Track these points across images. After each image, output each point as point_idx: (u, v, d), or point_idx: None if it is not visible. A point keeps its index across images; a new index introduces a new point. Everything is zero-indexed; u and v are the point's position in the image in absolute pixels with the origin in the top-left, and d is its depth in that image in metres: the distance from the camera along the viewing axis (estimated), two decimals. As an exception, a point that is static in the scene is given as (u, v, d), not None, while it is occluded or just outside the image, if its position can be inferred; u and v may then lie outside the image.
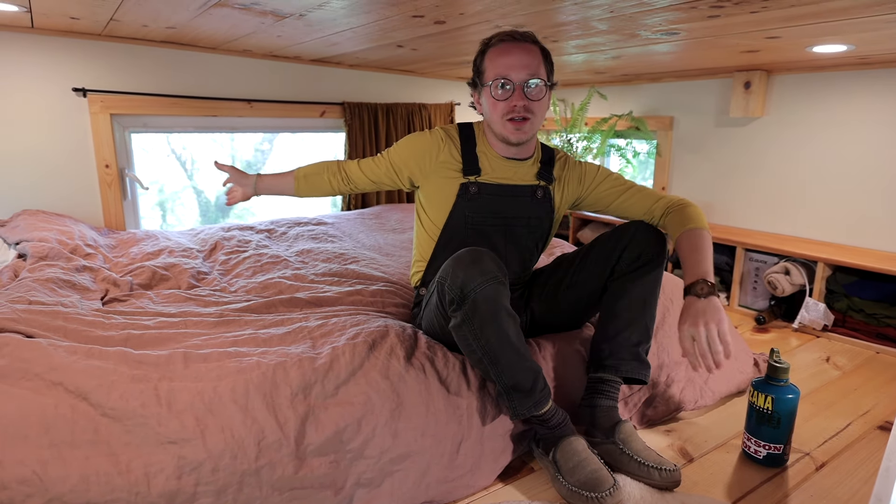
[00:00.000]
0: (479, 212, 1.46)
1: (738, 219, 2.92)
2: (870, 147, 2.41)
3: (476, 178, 1.46)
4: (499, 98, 1.36)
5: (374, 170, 1.55)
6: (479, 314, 1.20)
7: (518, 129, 1.38)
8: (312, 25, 2.07)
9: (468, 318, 1.22)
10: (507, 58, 1.34)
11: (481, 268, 1.20)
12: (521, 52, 1.35)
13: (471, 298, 1.20)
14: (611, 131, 3.24)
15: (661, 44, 2.10)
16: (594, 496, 1.20)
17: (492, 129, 1.44)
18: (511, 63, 1.34)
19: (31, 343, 1.19)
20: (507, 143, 1.44)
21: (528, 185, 1.48)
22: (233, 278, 2.00)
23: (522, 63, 1.34)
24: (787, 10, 1.52)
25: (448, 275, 1.23)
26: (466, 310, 1.21)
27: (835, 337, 2.27)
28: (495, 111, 1.38)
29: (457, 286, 1.21)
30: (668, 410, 1.61)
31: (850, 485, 1.34)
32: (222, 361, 1.23)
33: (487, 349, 1.23)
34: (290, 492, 1.10)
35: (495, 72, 1.35)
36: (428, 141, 1.49)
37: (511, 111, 1.36)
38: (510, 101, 1.35)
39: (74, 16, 2.11)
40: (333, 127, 3.29)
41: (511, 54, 1.34)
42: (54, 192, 2.55)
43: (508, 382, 1.26)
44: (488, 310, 1.20)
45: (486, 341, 1.22)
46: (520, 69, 1.34)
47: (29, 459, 0.97)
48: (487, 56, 1.39)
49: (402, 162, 1.51)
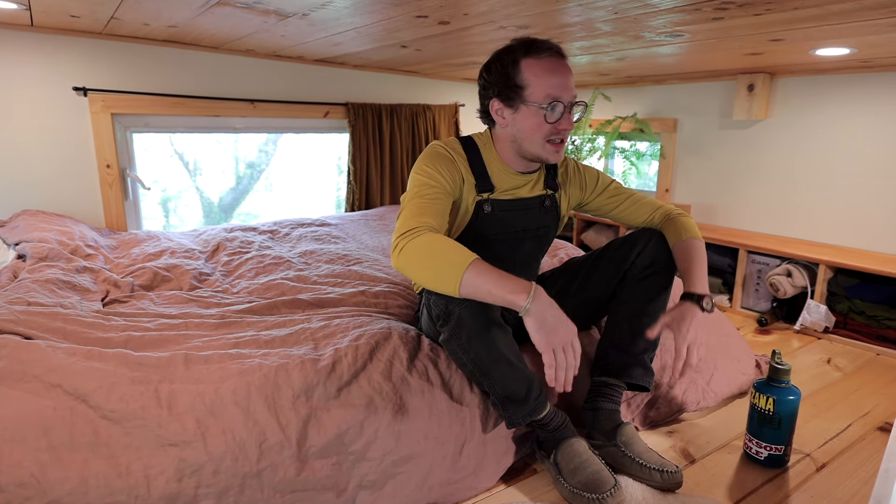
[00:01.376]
0: (490, 228, 1.39)
1: (740, 221, 2.92)
2: (872, 150, 2.40)
3: (489, 195, 1.37)
4: (551, 120, 1.26)
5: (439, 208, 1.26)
6: (466, 329, 1.20)
7: (557, 152, 1.31)
8: (315, 25, 2.06)
9: (456, 333, 1.21)
10: (558, 77, 1.25)
11: None
12: (567, 72, 1.27)
13: (456, 314, 1.19)
14: (615, 133, 3.24)
15: (665, 46, 2.10)
16: (595, 497, 1.20)
17: (518, 146, 1.33)
18: (562, 84, 1.25)
19: (29, 345, 1.19)
20: (534, 162, 1.37)
21: (537, 195, 1.43)
22: (235, 279, 2.00)
23: (570, 84, 1.27)
24: (791, 13, 1.52)
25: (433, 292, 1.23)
26: (453, 325, 1.21)
27: (836, 339, 2.27)
28: (538, 131, 1.28)
29: (442, 302, 1.21)
30: (671, 412, 1.61)
31: (850, 486, 1.34)
32: (224, 363, 1.22)
33: (477, 362, 1.23)
34: (292, 494, 1.10)
35: (546, 92, 1.24)
36: (447, 157, 1.33)
37: (557, 133, 1.28)
38: (559, 123, 1.27)
39: (75, 14, 2.11)
40: (337, 127, 3.28)
41: (560, 74, 1.26)
42: (54, 192, 2.55)
43: (501, 393, 1.26)
44: (475, 325, 1.19)
45: (475, 355, 1.22)
46: (568, 91, 1.26)
47: (27, 462, 0.97)
48: (528, 69, 1.25)
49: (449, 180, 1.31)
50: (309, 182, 3.58)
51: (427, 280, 1.12)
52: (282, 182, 3.58)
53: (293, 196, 3.61)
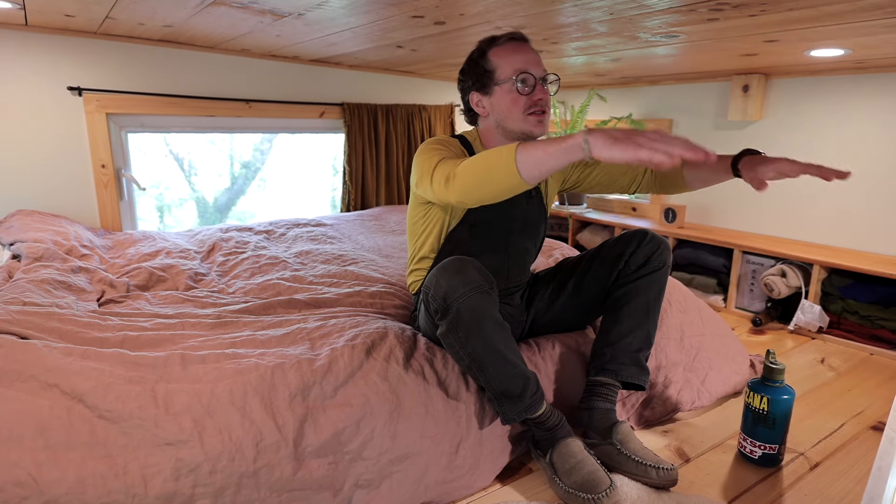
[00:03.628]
0: (479, 219, 1.43)
1: (735, 221, 2.93)
2: (866, 151, 2.42)
3: None
4: (523, 92, 1.33)
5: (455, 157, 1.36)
6: (464, 324, 1.21)
7: (541, 122, 1.36)
8: (311, 25, 2.06)
9: (453, 328, 1.23)
10: (521, 54, 1.34)
11: (464, 278, 1.20)
12: (531, 51, 1.36)
13: (454, 309, 1.20)
14: (609, 133, 3.24)
15: (660, 46, 2.10)
16: (591, 497, 1.20)
17: (503, 130, 1.38)
18: (528, 59, 1.34)
19: (25, 345, 1.19)
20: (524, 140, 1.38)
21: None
22: (231, 280, 2.00)
23: (536, 60, 1.35)
24: (785, 14, 1.53)
25: (432, 284, 1.24)
26: (451, 319, 1.22)
27: (830, 339, 2.28)
28: (517, 106, 1.34)
29: (440, 296, 1.22)
30: (666, 411, 1.61)
31: (843, 484, 1.35)
32: (220, 363, 1.22)
33: (474, 357, 1.24)
34: (289, 493, 1.10)
35: (514, 67, 1.33)
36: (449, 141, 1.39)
37: (535, 104, 1.34)
38: (533, 94, 1.34)
39: (69, 13, 2.10)
40: (333, 128, 3.28)
41: (524, 52, 1.35)
42: (49, 192, 2.54)
43: (497, 388, 1.27)
44: (472, 319, 1.20)
45: (471, 349, 1.23)
46: (536, 65, 1.35)
47: (24, 462, 0.97)
48: (495, 55, 1.36)
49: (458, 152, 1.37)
50: (304, 182, 3.58)
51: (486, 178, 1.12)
52: (277, 182, 3.58)
53: (288, 196, 3.61)
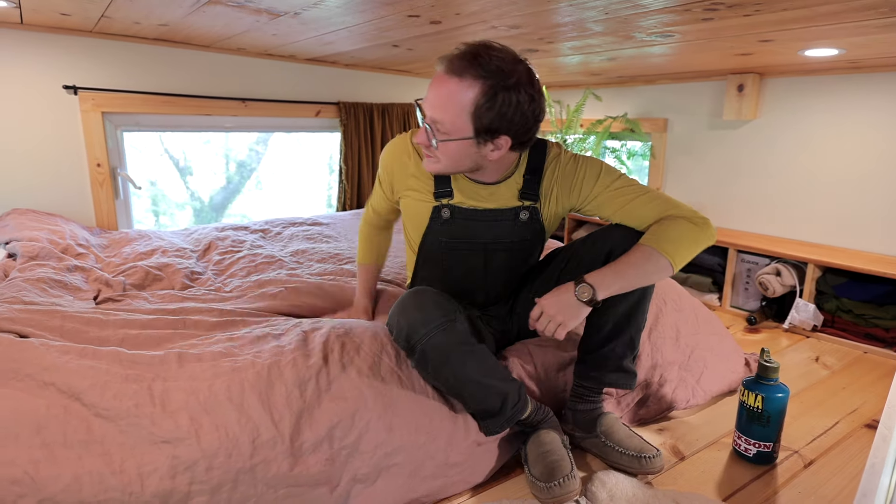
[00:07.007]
0: (454, 236, 1.35)
1: (730, 220, 2.94)
2: (860, 150, 2.43)
3: (449, 200, 1.32)
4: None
5: (379, 201, 1.47)
6: (431, 362, 1.20)
7: (422, 159, 1.26)
8: (307, 24, 2.06)
9: (422, 366, 1.24)
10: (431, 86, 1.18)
11: (424, 316, 1.17)
12: (438, 86, 1.15)
13: (418, 349, 1.20)
14: (606, 133, 3.26)
15: (655, 46, 2.11)
16: (544, 486, 1.20)
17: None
18: (428, 94, 1.18)
19: (22, 343, 1.19)
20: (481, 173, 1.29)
21: (510, 208, 1.32)
22: (227, 278, 2.00)
23: (429, 98, 1.17)
24: (780, 14, 1.54)
25: (393, 325, 1.24)
26: (417, 359, 1.22)
27: (824, 337, 2.29)
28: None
29: (402, 338, 1.22)
30: (661, 409, 1.62)
31: (837, 481, 1.36)
32: (217, 361, 1.22)
33: (448, 386, 1.24)
34: (286, 489, 1.10)
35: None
36: (399, 147, 1.35)
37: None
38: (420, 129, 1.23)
39: (65, 12, 2.09)
40: (329, 127, 3.28)
41: (432, 84, 1.17)
42: (44, 190, 2.53)
43: (475, 408, 1.27)
44: (438, 358, 1.19)
45: (444, 381, 1.23)
46: (426, 103, 1.18)
47: (20, 459, 0.97)
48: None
49: (386, 180, 1.39)
50: (300, 181, 3.58)
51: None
52: (273, 181, 3.58)
53: (284, 195, 3.60)
